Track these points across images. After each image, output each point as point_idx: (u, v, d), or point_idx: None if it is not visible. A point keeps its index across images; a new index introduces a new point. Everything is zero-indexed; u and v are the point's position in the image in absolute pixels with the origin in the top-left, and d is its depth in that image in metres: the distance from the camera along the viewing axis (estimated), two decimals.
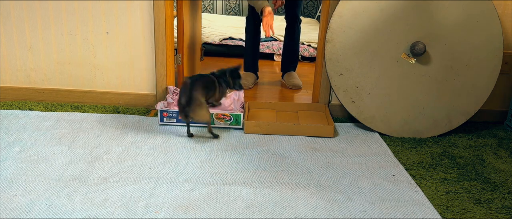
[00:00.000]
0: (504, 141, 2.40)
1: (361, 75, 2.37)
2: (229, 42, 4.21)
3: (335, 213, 1.64)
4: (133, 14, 2.50)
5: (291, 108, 2.66)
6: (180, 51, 2.76)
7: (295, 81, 3.28)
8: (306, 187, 1.80)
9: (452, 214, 1.68)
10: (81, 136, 2.19)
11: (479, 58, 2.34)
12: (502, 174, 2.02)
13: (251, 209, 1.63)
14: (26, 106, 2.56)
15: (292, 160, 2.04)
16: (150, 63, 2.59)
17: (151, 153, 2.05)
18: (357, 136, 2.36)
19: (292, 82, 3.27)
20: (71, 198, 1.65)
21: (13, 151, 2.00)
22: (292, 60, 3.37)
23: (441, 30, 2.30)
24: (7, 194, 1.66)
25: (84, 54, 2.59)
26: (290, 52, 3.35)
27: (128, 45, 2.56)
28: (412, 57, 2.33)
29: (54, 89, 2.65)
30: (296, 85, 3.26)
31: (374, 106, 2.39)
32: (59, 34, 2.55)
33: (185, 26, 2.79)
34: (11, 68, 2.63)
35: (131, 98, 2.66)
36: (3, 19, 2.53)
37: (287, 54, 3.37)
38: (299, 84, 3.28)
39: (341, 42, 2.35)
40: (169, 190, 1.73)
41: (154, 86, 2.64)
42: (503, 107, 2.70)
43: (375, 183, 1.87)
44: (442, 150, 2.24)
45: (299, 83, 3.28)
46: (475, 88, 2.37)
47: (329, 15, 2.43)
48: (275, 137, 2.29)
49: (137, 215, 1.57)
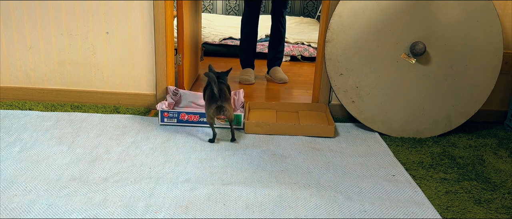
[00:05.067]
0: (504, 141, 2.40)
1: (361, 75, 2.37)
2: (229, 42, 4.21)
3: (335, 213, 1.64)
4: (133, 14, 2.50)
5: (291, 108, 2.66)
6: (180, 51, 2.76)
7: (282, 76, 3.38)
8: (306, 187, 1.80)
9: (452, 214, 1.68)
10: (81, 136, 2.19)
11: (479, 58, 2.34)
12: (502, 174, 2.02)
13: (251, 209, 1.63)
14: (26, 106, 2.56)
15: (292, 160, 2.04)
16: (150, 63, 2.59)
17: (151, 153, 2.05)
18: (357, 136, 2.36)
19: (279, 77, 3.38)
20: (71, 198, 1.65)
21: (13, 151, 2.00)
22: (278, 57, 3.47)
23: (441, 30, 2.31)
24: (7, 194, 1.66)
25: (84, 54, 2.59)
26: (275, 50, 3.44)
27: (128, 45, 2.56)
28: (412, 57, 2.33)
29: (54, 89, 2.65)
30: (282, 79, 3.37)
31: (374, 106, 2.39)
32: (59, 34, 2.55)
33: (185, 26, 2.79)
34: (11, 68, 2.63)
35: (131, 98, 2.66)
36: (3, 19, 2.53)
37: (272, 52, 3.45)
38: (285, 78, 3.38)
39: (341, 42, 2.35)
40: (169, 190, 1.73)
41: (154, 86, 2.64)
42: (503, 107, 2.70)
43: (375, 183, 1.87)
44: (442, 150, 2.24)
45: (285, 77, 3.39)
46: (475, 88, 2.37)
47: (329, 15, 2.43)
48: (275, 137, 2.29)
49: (137, 215, 1.57)
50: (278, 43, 3.42)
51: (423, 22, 2.30)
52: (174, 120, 2.36)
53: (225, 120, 2.34)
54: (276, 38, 3.41)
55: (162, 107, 2.37)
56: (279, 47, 3.43)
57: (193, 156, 2.04)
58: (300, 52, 4.18)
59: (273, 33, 3.40)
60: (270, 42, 3.45)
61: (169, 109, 2.39)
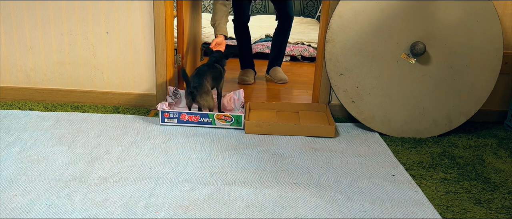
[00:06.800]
0: (504, 141, 2.40)
1: (361, 75, 2.37)
2: (229, 42, 4.21)
3: (335, 213, 1.64)
4: (133, 14, 2.50)
5: (291, 108, 2.66)
6: (180, 51, 2.76)
7: (282, 76, 3.38)
8: (306, 187, 1.80)
9: (452, 214, 1.68)
10: (81, 136, 2.19)
11: (479, 58, 2.34)
12: (502, 174, 2.02)
13: (251, 209, 1.63)
14: (26, 106, 2.56)
15: (292, 160, 2.04)
16: (150, 63, 2.59)
17: (151, 153, 2.05)
18: (357, 136, 2.36)
19: (279, 77, 3.37)
20: (71, 198, 1.65)
21: (13, 151, 2.00)
22: (279, 58, 3.47)
23: (441, 30, 2.31)
24: (7, 194, 1.66)
25: (84, 54, 2.59)
26: (278, 50, 3.43)
27: (128, 45, 2.56)
28: (412, 57, 2.33)
29: (54, 89, 2.65)
30: (282, 79, 3.36)
31: (374, 106, 2.39)
32: (59, 34, 2.55)
33: (185, 26, 2.79)
34: (11, 68, 2.63)
35: (131, 98, 2.66)
36: (3, 19, 2.53)
37: (275, 52, 3.44)
38: (285, 78, 3.38)
39: (341, 42, 2.35)
40: (169, 190, 1.73)
41: (154, 86, 2.64)
42: (503, 107, 2.70)
43: (375, 183, 1.87)
44: (442, 150, 2.24)
45: (285, 77, 3.38)
46: (475, 88, 2.37)
47: (329, 15, 2.43)
48: (275, 137, 2.29)
49: (137, 215, 1.57)
50: (281, 43, 3.41)
51: (423, 22, 2.30)
52: (175, 120, 2.36)
53: (225, 121, 2.34)
54: (279, 37, 3.39)
55: (163, 107, 2.37)
56: (281, 46, 3.42)
57: (193, 156, 2.04)
58: (300, 52, 4.18)
59: (278, 32, 3.39)
60: (273, 41, 3.45)
61: (170, 109, 2.39)
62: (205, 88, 2.32)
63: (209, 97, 2.35)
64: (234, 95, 2.62)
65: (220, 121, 2.35)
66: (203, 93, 2.32)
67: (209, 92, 2.35)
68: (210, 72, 2.41)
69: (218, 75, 2.49)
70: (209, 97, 2.35)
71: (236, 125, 2.35)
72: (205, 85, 2.32)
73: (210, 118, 2.34)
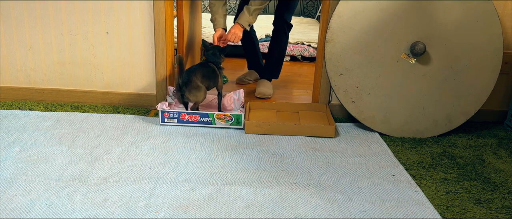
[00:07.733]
0: (504, 141, 2.40)
1: (361, 75, 2.37)
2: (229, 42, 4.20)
3: (335, 213, 1.64)
4: (133, 14, 2.50)
5: (292, 108, 2.66)
6: (180, 51, 2.76)
7: (265, 90, 2.93)
8: (306, 187, 1.80)
9: (452, 214, 1.68)
10: (81, 136, 2.19)
11: (479, 58, 2.34)
12: (502, 174, 2.02)
13: (251, 209, 1.63)
14: (26, 106, 2.56)
15: (292, 160, 2.03)
16: (150, 63, 2.59)
17: (151, 153, 2.05)
18: (357, 136, 2.36)
19: (261, 90, 2.93)
20: (71, 198, 1.65)
21: (13, 151, 2.00)
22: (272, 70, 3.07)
23: (441, 30, 2.31)
24: (7, 194, 1.66)
25: (84, 54, 2.59)
26: (272, 59, 3.06)
27: (128, 45, 2.56)
28: (412, 57, 2.33)
29: (54, 89, 2.65)
30: (262, 93, 2.91)
31: (374, 106, 2.39)
32: (59, 34, 2.55)
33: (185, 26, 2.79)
34: (11, 68, 2.63)
35: (131, 98, 2.66)
36: (3, 19, 2.53)
37: (270, 64, 3.08)
38: (268, 94, 2.91)
39: (341, 42, 2.35)
40: (169, 190, 1.73)
41: (154, 86, 2.64)
42: (503, 107, 2.70)
43: (375, 183, 1.87)
44: (442, 150, 2.24)
45: (268, 93, 2.91)
46: (475, 88, 2.37)
47: (329, 15, 2.43)
48: (275, 137, 2.29)
49: (137, 215, 1.57)
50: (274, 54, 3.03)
51: (423, 22, 2.30)
52: (175, 120, 2.36)
53: (225, 120, 2.34)
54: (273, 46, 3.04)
55: (163, 107, 2.37)
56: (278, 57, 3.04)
57: (193, 156, 2.04)
58: (300, 52, 4.18)
59: (272, 40, 3.05)
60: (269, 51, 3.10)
61: (170, 109, 2.39)
62: (194, 84, 2.33)
63: (199, 92, 2.36)
64: (234, 95, 2.62)
65: (220, 120, 2.35)
66: (192, 89, 2.33)
67: (199, 88, 2.35)
68: (200, 70, 2.40)
69: (211, 73, 2.44)
70: (199, 93, 2.36)
71: (236, 125, 2.35)
72: (194, 81, 2.33)
73: (210, 117, 2.35)
